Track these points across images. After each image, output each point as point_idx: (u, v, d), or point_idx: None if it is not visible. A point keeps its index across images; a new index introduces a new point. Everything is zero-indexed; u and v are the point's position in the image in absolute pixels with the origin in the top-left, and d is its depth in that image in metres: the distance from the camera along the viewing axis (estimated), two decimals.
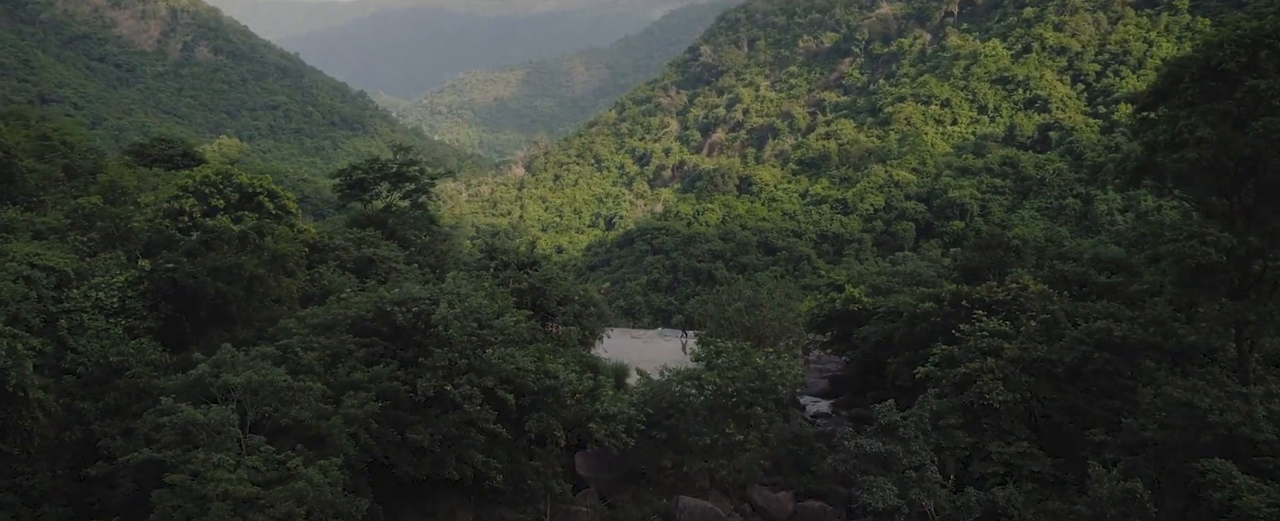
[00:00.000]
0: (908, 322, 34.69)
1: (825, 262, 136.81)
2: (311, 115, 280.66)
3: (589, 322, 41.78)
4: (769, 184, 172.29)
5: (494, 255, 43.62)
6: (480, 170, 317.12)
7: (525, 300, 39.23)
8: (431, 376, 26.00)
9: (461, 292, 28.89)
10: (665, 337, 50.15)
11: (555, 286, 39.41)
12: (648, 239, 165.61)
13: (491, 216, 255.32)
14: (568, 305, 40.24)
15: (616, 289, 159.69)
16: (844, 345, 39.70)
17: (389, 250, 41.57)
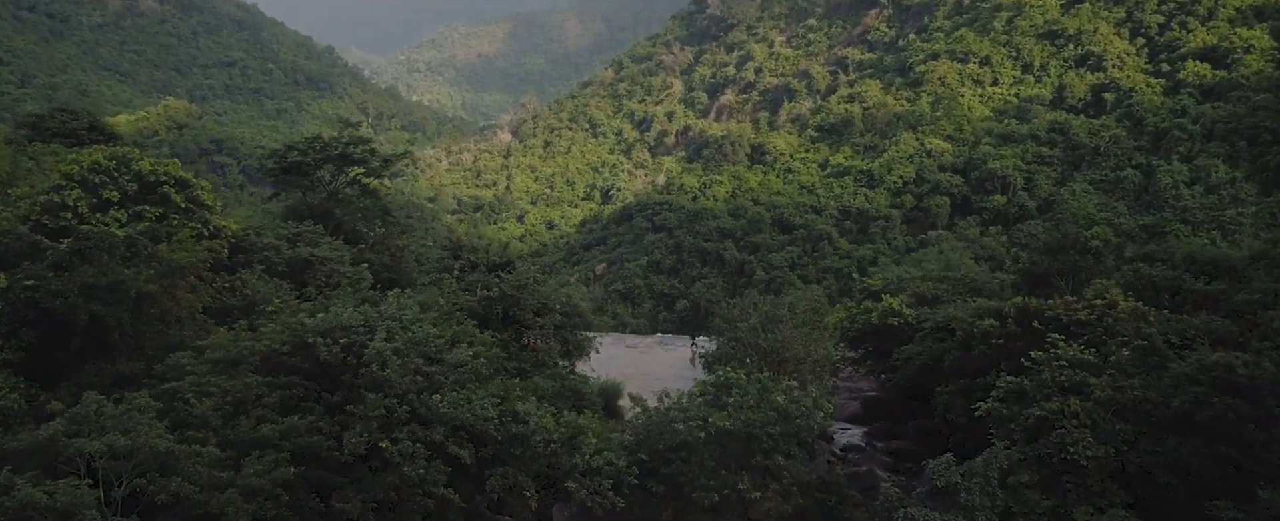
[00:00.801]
0: (961, 344, 30.94)
1: (847, 242, 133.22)
2: (272, 74, 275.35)
3: (572, 336, 38.03)
4: (784, 153, 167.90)
5: (459, 255, 39.77)
6: (463, 135, 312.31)
7: (495, 310, 35.45)
8: (363, 429, 22.22)
9: (405, 318, 25.04)
10: (666, 346, 46.41)
11: (531, 294, 35.56)
12: (648, 215, 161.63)
13: (475, 187, 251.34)
14: (547, 315, 36.43)
15: (614, 271, 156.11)
16: (881, 365, 36.07)
17: (332, 249, 37.67)
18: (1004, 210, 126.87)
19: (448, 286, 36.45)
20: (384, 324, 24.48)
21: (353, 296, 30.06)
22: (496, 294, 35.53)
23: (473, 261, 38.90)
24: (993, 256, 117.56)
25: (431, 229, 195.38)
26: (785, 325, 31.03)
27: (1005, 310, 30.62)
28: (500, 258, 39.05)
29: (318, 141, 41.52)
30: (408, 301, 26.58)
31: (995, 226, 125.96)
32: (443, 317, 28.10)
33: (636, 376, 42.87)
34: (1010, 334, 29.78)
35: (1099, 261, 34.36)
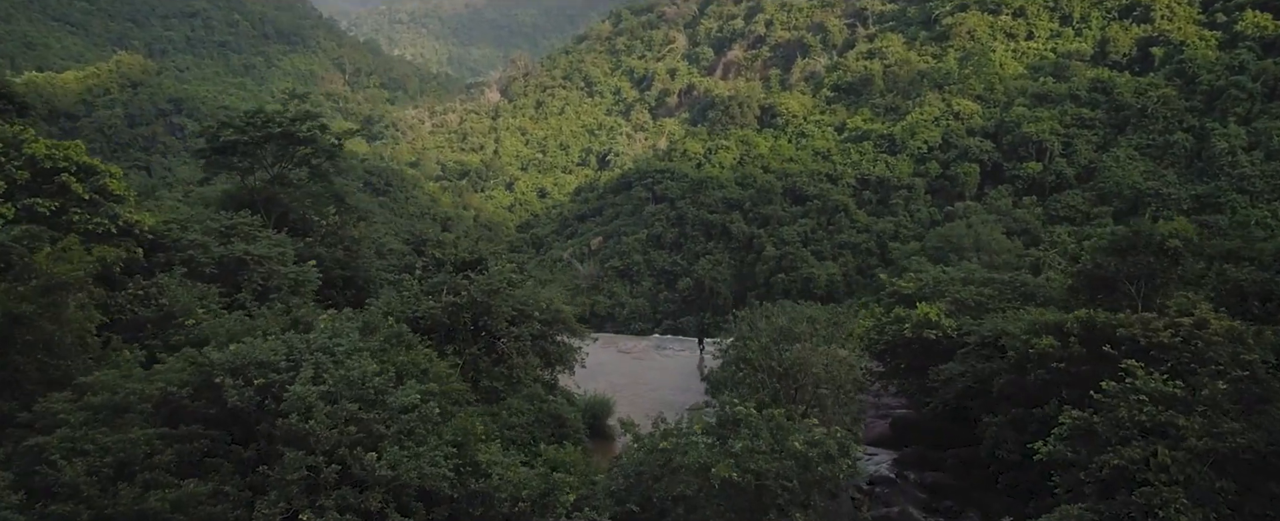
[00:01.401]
0: (1014, 365, 27.66)
1: (866, 214, 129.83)
2: (238, 26, 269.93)
3: (555, 347, 34.82)
4: (797, 115, 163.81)
5: (423, 251, 36.45)
6: (447, 94, 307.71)
7: (462, 319, 32.18)
8: (280, 495, 18.98)
9: (339, 349, 21.71)
10: (665, 351, 43.13)
11: (505, 299, 32.24)
12: (648, 183, 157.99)
13: (460, 151, 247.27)
14: (524, 324, 33.14)
15: (611, 245, 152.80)
16: (914, 384, 32.86)
17: (273, 244, 34.25)
18: (1039, 179, 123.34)
19: (408, 289, 33.19)
20: (312, 357, 21.14)
21: (284, 313, 26.66)
22: (465, 299, 32.20)
23: (438, 259, 35.57)
24: (1027, 230, 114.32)
25: (412, 198, 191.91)
26: (803, 343, 27.73)
27: (1067, 325, 27.27)
28: (470, 254, 35.63)
29: (258, 116, 37.98)
30: (346, 325, 23.20)
31: (1029, 197, 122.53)
32: (389, 342, 24.77)
33: (632, 387, 39.80)
34: (1074, 356, 26.46)
35: (1176, 264, 30.95)
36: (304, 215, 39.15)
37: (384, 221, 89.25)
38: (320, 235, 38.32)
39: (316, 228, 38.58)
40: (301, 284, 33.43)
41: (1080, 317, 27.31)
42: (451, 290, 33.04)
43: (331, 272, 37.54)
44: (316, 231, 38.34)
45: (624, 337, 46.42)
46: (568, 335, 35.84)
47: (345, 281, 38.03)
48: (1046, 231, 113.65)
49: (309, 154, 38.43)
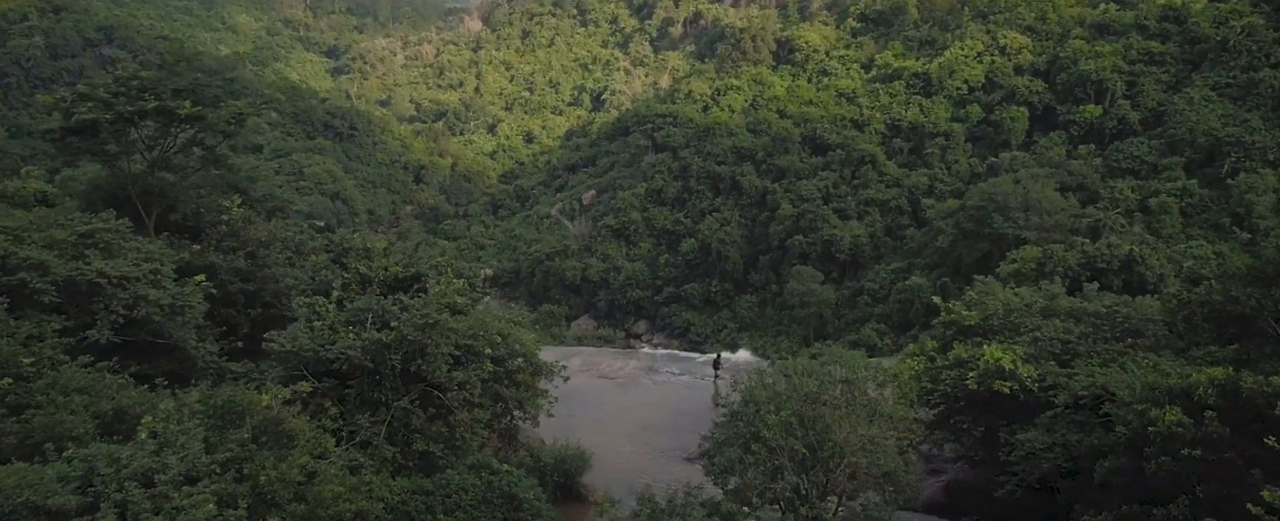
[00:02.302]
0: (1127, 444, 22.23)
1: (897, 166, 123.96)
2: None
3: (515, 392, 29.35)
4: (819, 50, 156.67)
5: (344, 262, 30.89)
6: (423, 20, 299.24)
7: (390, 360, 26.67)
8: None
9: (165, 474, 16.16)
10: (656, 375, 37.22)
11: (445, 335, 26.67)
12: (648, 130, 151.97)
13: (437, 89, 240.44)
14: (472, 365, 27.58)
15: (605, 200, 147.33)
16: (981, 449, 27.40)
17: (141, 258, 28.55)
18: (1098, 125, 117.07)
19: (322, 314, 27.65)
20: (118, 493, 15.64)
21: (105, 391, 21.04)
22: (393, 337, 26.65)
23: (363, 275, 29.98)
24: (1083, 186, 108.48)
25: (380, 144, 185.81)
26: (836, 410, 22.33)
27: (1199, 392, 21.75)
28: (405, 268, 30.07)
29: (130, 84, 32.08)
30: (186, 427, 17.64)
31: (1086, 145, 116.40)
32: (259, 441, 19.22)
33: (615, 426, 34.49)
34: (1212, 438, 21.00)
35: None
36: (197, 211, 33.54)
37: (307, 210, 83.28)
38: (216, 238, 32.72)
39: (211, 228, 32.99)
40: (180, 311, 27.98)
41: (1218, 380, 21.78)
42: (378, 320, 27.52)
43: (231, 287, 32.04)
44: (210, 234, 32.74)
45: (606, 354, 40.41)
46: (532, 374, 30.35)
47: (249, 298, 32.51)
48: (1106, 186, 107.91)
49: (197, 134, 32.67)
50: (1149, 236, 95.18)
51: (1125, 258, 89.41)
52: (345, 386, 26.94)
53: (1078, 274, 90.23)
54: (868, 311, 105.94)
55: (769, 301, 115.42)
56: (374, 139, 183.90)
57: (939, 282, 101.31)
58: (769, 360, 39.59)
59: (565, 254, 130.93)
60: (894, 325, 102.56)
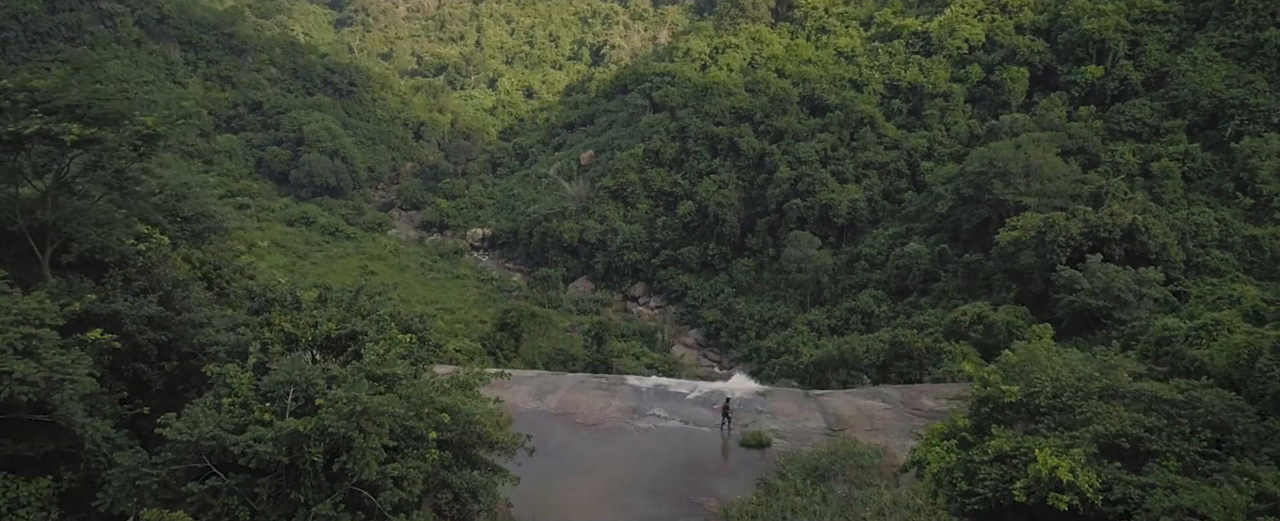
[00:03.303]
0: None
1: (895, 127, 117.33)
2: None
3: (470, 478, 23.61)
4: (818, 7, 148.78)
5: (268, 318, 25.06)
6: None
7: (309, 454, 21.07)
8: None
9: None
10: (643, 420, 30.99)
11: (377, 421, 20.90)
12: (646, 90, 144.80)
13: (438, 42, 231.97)
14: (414, 454, 21.91)
15: (603, 160, 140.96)
16: None
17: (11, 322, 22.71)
18: (1099, 85, 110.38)
19: (235, 385, 21.92)
20: None
21: None
22: (312, 427, 20.92)
23: (289, 332, 24.08)
24: (1084, 149, 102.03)
25: (380, 100, 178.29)
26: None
27: None
28: (339, 324, 24.20)
29: (15, 97, 25.91)
30: None
31: (1087, 107, 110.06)
32: None
33: (599, 484, 28.64)
34: None
35: None
36: (101, 247, 27.55)
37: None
38: (123, 281, 26.79)
39: (116, 267, 27.05)
40: (58, 386, 22.22)
41: None
42: (301, 394, 21.81)
43: (140, 337, 26.17)
44: (114, 274, 26.79)
45: (587, 389, 33.41)
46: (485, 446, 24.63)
47: (163, 349, 26.67)
48: (1107, 150, 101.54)
49: (97, 157, 26.52)
50: (1152, 204, 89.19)
51: (1128, 227, 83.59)
52: (256, 483, 21.18)
53: (1079, 243, 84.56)
54: (865, 277, 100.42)
55: (766, 265, 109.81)
56: (373, 95, 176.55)
57: (937, 249, 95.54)
58: (768, 385, 33.87)
59: (562, 215, 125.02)
60: (892, 291, 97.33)
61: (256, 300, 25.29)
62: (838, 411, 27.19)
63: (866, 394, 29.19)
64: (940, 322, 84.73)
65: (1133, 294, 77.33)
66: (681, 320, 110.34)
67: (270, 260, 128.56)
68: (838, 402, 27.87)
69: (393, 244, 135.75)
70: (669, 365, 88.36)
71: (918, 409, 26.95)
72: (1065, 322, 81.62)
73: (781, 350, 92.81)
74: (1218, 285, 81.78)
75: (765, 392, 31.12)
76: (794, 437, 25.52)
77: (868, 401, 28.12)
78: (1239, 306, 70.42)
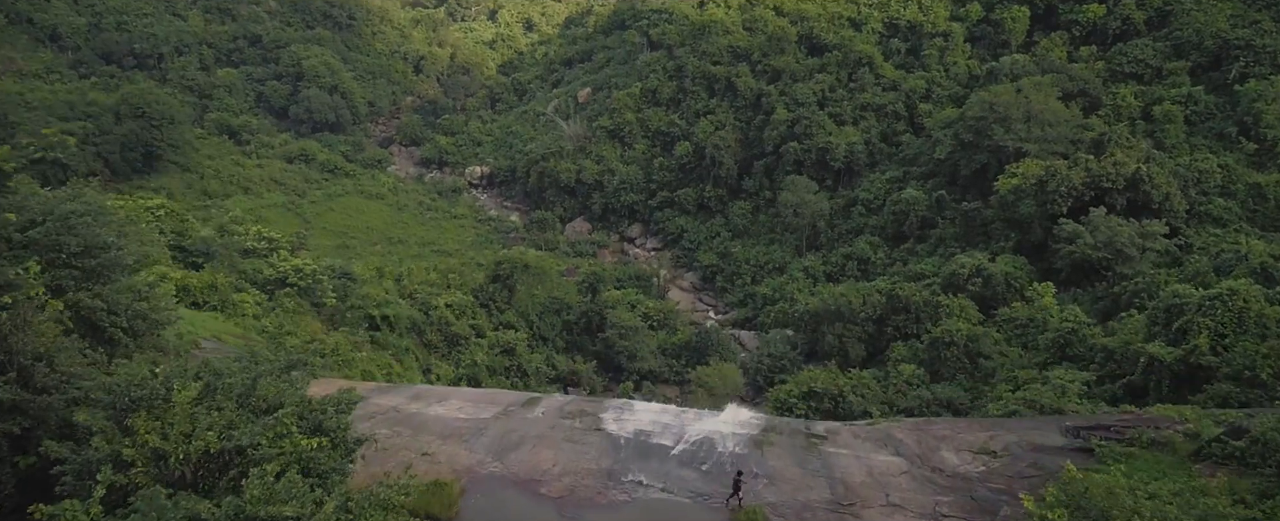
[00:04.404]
0: None
1: (894, 67, 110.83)
2: None
3: None
4: None
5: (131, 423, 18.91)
6: None
7: None
8: None
9: None
10: (621, 481, 23.82)
11: None
12: (643, 26, 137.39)
13: None
14: None
15: (600, 99, 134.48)
16: None
17: None
18: (1101, 25, 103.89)
19: None
20: None
21: None
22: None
23: (156, 446, 17.89)
24: (1085, 92, 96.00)
25: (379, 34, 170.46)
26: None
27: None
28: (226, 430, 17.69)
29: None
30: None
31: (1088, 47, 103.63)
32: None
33: None
34: None
35: None
36: None
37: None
38: None
39: None
40: None
41: None
42: None
43: None
44: None
45: (553, 444, 26.07)
46: None
47: (15, 442, 20.18)
48: (1108, 92, 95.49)
49: None
50: (1155, 152, 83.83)
51: (1131, 176, 78.40)
52: None
53: (1081, 193, 79.47)
54: (862, 223, 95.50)
55: (762, 209, 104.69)
56: (373, 28, 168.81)
57: (935, 195, 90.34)
58: (763, 418, 28.98)
59: (560, 155, 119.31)
60: (888, 237, 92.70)
61: (117, 397, 18.80)
62: (846, 477, 21.96)
63: (878, 440, 24.22)
64: (938, 272, 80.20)
65: (1136, 248, 72.65)
66: (678, 263, 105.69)
67: (269, 199, 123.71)
68: (846, 462, 22.71)
69: (391, 181, 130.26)
70: (663, 313, 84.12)
71: (939, 468, 22.13)
72: (1064, 273, 77.18)
73: (777, 297, 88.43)
74: (1221, 236, 76.88)
75: (761, 439, 25.41)
76: (794, 515, 20.41)
77: (881, 457, 23.07)
78: (1247, 263, 65.77)
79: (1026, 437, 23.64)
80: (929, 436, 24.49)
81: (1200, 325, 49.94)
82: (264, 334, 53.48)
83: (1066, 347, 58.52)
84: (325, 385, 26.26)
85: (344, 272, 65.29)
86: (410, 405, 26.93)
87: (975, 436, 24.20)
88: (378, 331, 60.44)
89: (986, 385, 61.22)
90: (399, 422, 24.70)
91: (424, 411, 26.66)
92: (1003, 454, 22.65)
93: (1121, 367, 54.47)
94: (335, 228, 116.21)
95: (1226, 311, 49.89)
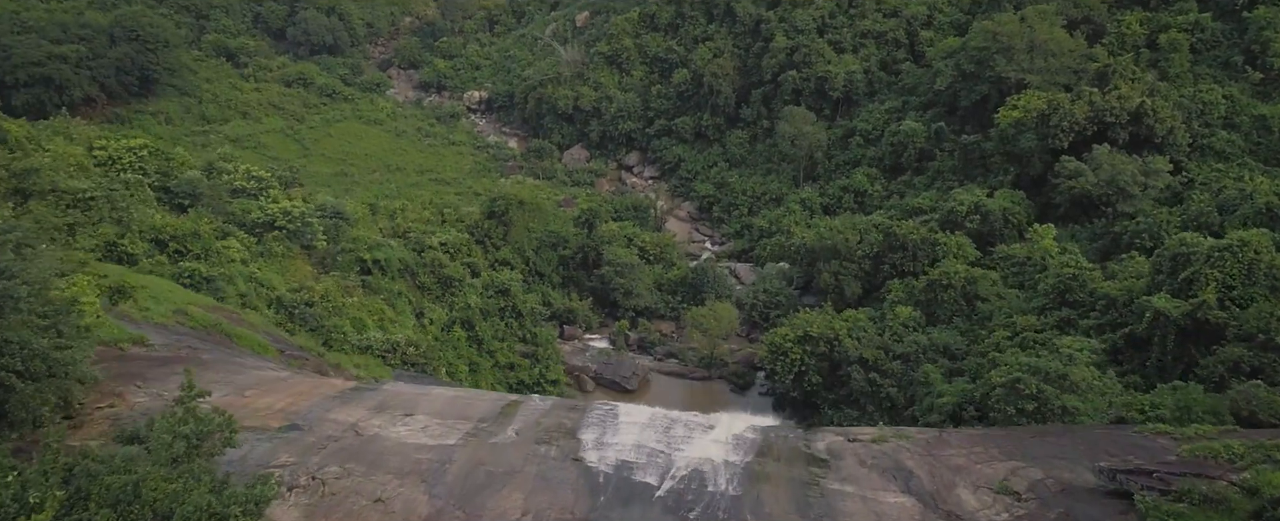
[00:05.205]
0: None
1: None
2: None
3: None
4: None
5: None
6: None
7: None
8: None
9: None
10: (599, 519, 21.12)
11: None
12: None
13: None
14: None
15: (598, 24, 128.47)
16: None
17: None
18: None
19: None
20: None
21: None
22: None
23: None
24: (1089, 19, 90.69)
25: None
26: None
27: None
28: None
29: None
30: None
31: None
32: None
33: None
34: None
35: None
36: None
37: None
38: None
39: None
40: None
41: None
42: None
43: None
44: None
45: (525, 481, 22.58)
46: None
47: None
48: (1113, 19, 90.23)
49: None
50: (1159, 84, 79.36)
51: (1135, 110, 74.28)
52: None
53: (1084, 127, 75.48)
54: (859, 154, 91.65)
55: (760, 138, 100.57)
56: None
57: (934, 127, 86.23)
58: (758, 422, 26.10)
59: (557, 81, 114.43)
60: (886, 169, 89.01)
61: None
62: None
63: (886, 469, 20.85)
64: (935, 207, 76.80)
65: (1138, 185, 69.14)
66: (675, 193, 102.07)
67: (268, 124, 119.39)
68: (852, 506, 19.52)
69: (390, 106, 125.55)
70: (660, 246, 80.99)
71: (956, 514, 19.02)
72: (1063, 209, 73.90)
73: (773, 230, 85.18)
74: (1223, 171, 73.12)
75: (757, 469, 21.47)
76: None
77: (891, 499, 19.80)
78: (1252, 203, 62.29)
79: (1054, 474, 20.57)
80: (943, 467, 21.46)
81: (1208, 277, 46.94)
82: (251, 282, 50.60)
83: (1066, 294, 55.63)
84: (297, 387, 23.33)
85: (335, 212, 62.01)
86: (371, 421, 23.96)
87: (994, 468, 21.15)
88: (369, 276, 57.48)
89: (983, 329, 58.63)
90: (352, 456, 21.65)
91: (385, 433, 23.66)
92: (1028, 496, 19.62)
93: (1124, 317, 51.74)
94: (334, 154, 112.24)
95: (1236, 263, 46.83)
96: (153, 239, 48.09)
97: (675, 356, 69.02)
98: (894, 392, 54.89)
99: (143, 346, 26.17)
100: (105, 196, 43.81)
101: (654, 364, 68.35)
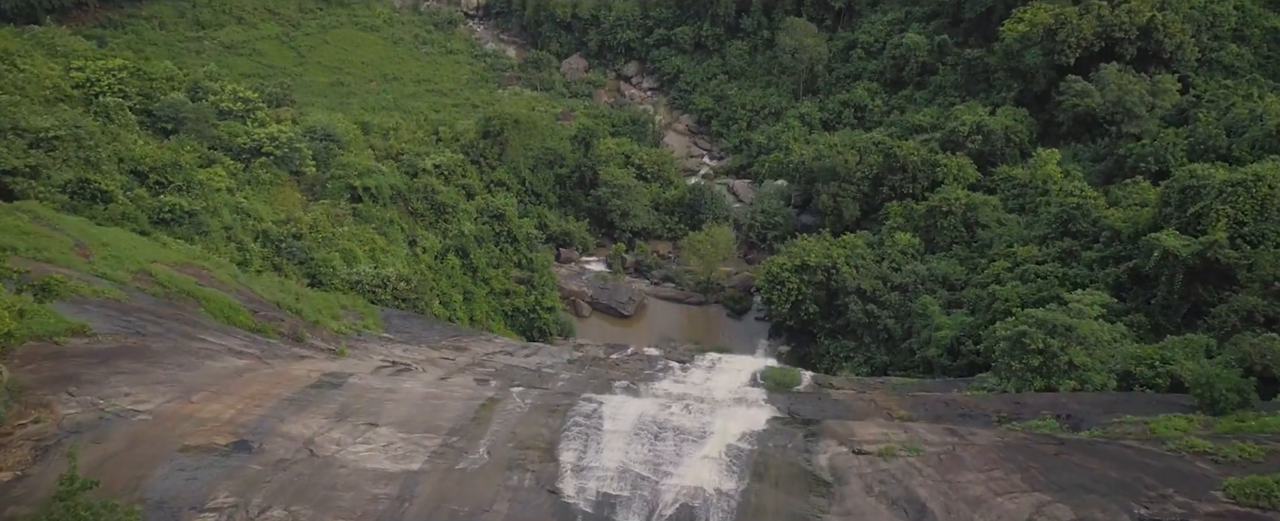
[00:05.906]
0: None
1: None
2: None
3: None
4: None
5: None
6: None
7: None
8: None
9: None
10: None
11: None
12: None
13: None
14: None
15: None
16: None
17: None
18: None
19: None
20: None
21: None
22: None
23: None
24: None
25: None
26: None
27: None
28: None
29: None
30: None
31: None
32: None
33: None
34: None
35: None
36: None
37: None
38: None
39: None
40: None
41: None
42: None
43: None
44: None
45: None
46: None
47: None
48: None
49: None
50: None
51: (1144, 25, 69.64)
52: None
53: (1091, 44, 71.01)
54: (860, 67, 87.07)
55: (760, 49, 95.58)
56: None
57: (936, 40, 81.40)
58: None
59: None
60: (887, 83, 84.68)
61: None
62: None
63: (895, 500, 18.16)
64: (937, 124, 72.95)
65: (1145, 105, 65.24)
66: (674, 105, 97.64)
67: (263, 29, 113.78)
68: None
69: (387, 12, 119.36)
70: (658, 164, 77.43)
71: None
72: (1065, 126, 70.20)
73: (772, 146, 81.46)
74: (1232, 88, 68.94)
75: (754, 502, 19.87)
76: None
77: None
78: (1262, 125, 58.57)
79: (1085, 514, 18.01)
80: (960, 500, 18.69)
81: (1219, 213, 43.93)
82: (237, 213, 47.62)
83: (1069, 223, 52.67)
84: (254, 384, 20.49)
85: (325, 134, 58.44)
86: (330, 435, 21.04)
87: (1017, 503, 18.34)
88: (360, 203, 54.34)
89: (983, 258, 55.94)
90: (301, 493, 18.68)
91: (342, 454, 20.72)
92: None
93: (1128, 250, 49.00)
94: (330, 62, 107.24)
95: (1249, 198, 43.73)
96: (131, 169, 44.87)
97: (672, 280, 66.56)
98: (892, 325, 52.63)
99: (83, 337, 23.10)
100: (71, 135, 40.22)
101: (651, 288, 65.95)
